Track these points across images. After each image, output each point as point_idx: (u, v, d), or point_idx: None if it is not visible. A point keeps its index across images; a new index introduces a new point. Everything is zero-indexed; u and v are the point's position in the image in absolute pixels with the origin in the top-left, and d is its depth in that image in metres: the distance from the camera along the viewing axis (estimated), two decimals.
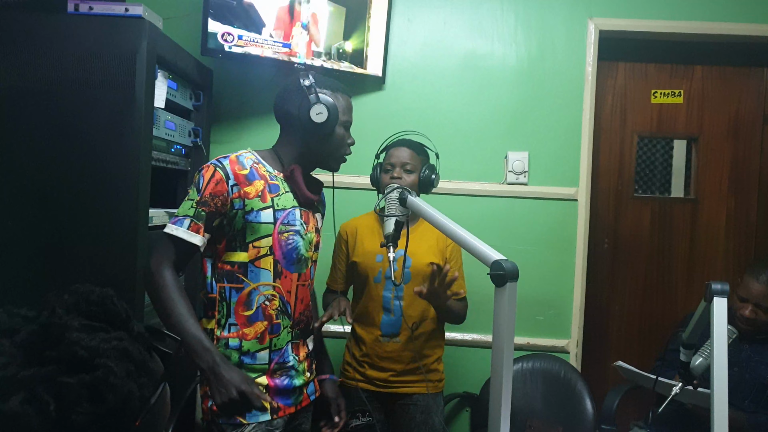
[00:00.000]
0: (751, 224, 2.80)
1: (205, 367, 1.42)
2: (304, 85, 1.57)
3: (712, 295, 1.46)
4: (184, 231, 1.48)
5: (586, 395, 2.40)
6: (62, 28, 1.77)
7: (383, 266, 2.03)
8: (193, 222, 1.48)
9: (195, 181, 1.52)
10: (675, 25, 2.59)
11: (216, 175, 1.51)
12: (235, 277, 1.54)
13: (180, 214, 1.50)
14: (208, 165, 1.54)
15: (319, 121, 1.56)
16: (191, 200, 1.50)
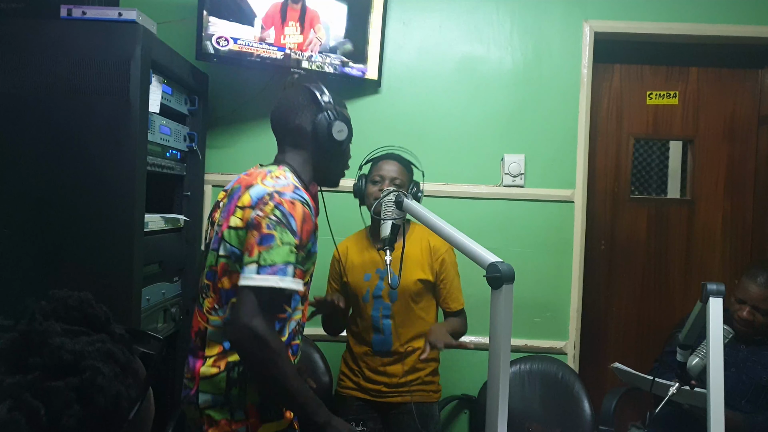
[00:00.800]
0: (747, 225, 2.80)
1: (323, 421, 1.36)
2: (322, 101, 1.50)
3: (707, 296, 1.46)
4: (292, 280, 1.31)
5: (584, 397, 2.40)
6: (55, 34, 1.76)
7: (370, 285, 2.04)
8: (297, 268, 1.33)
9: (280, 221, 1.33)
10: (670, 27, 2.60)
11: (306, 214, 1.38)
12: (281, 308, 1.42)
13: (279, 262, 1.30)
14: (292, 201, 1.36)
15: (341, 138, 1.50)
16: (288, 244, 1.32)
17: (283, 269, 1.30)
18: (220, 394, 1.40)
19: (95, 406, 0.60)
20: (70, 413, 0.58)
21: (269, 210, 1.34)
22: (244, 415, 1.40)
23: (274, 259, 1.30)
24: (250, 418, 1.40)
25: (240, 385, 1.40)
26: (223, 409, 1.40)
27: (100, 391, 0.60)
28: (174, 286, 2.23)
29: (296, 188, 1.42)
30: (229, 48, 2.33)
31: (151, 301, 1.99)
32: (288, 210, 1.35)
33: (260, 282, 1.29)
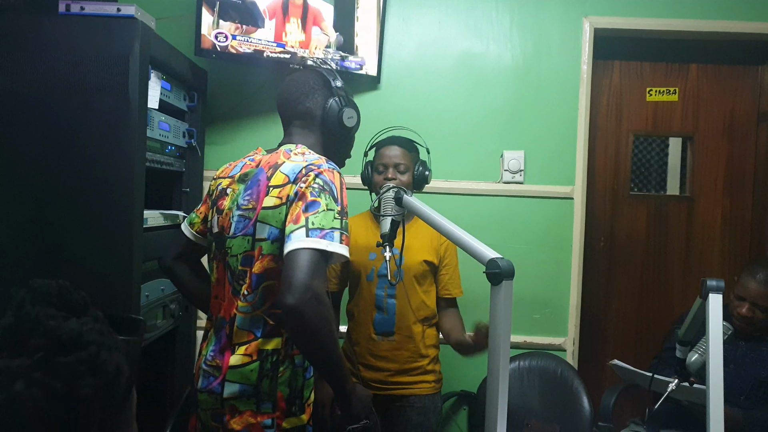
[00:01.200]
0: (746, 222, 2.80)
1: (351, 390, 1.38)
2: (335, 86, 1.51)
3: (707, 292, 1.46)
4: (339, 245, 1.28)
5: (583, 393, 2.40)
6: (54, 29, 1.76)
7: (376, 264, 2.03)
8: (343, 234, 1.30)
9: (323, 188, 1.32)
10: (670, 24, 2.60)
11: (343, 182, 1.38)
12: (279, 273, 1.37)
13: (326, 226, 1.28)
14: (331, 170, 1.36)
15: (351, 125, 1.51)
16: (332, 210, 1.31)
17: (330, 234, 1.28)
18: (249, 384, 1.37)
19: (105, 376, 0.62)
20: (85, 384, 0.60)
21: (311, 179, 1.33)
22: (271, 407, 1.38)
23: (323, 223, 1.28)
24: (276, 411, 1.38)
25: (272, 377, 1.38)
26: (250, 401, 1.37)
27: (105, 363, 0.63)
28: None
29: (328, 160, 1.40)
30: (228, 44, 2.32)
31: (150, 297, 1.99)
32: (329, 178, 1.34)
33: (311, 244, 1.25)
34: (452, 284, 2.11)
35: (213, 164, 2.58)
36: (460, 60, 2.62)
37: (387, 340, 2.03)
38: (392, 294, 2.03)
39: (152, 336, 2.04)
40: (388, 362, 2.03)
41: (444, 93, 2.62)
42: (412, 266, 2.03)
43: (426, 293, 2.07)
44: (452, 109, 2.62)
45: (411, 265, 2.03)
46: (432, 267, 2.08)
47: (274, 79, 2.57)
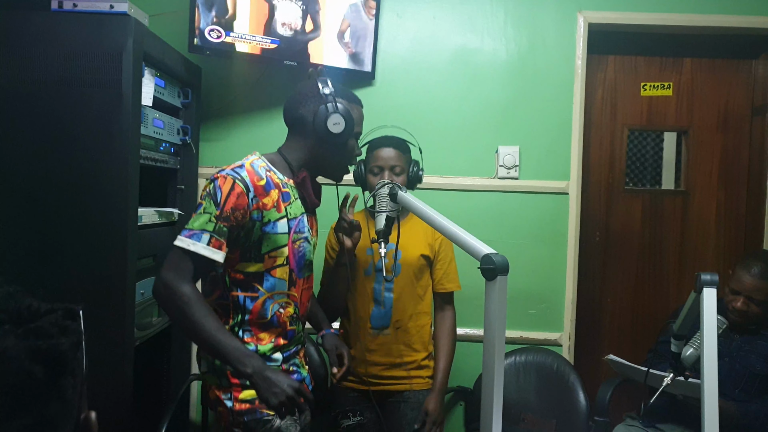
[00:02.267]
0: (741, 216, 2.81)
1: (253, 372, 1.40)
2: (323, 93, 1.55)
3: (701, 286, 1.47)
4: (204, 247, 1.41)
5: (579, 388, 2.41)
6: (46, 26, 1.75)
7: (373, 259, 2.03)
8: (213, 237, 1.42)
9: (209, 192, 1.45)
10: (664, 18, 2.60)
11: (236, 188, 1.45)
12: (249, 285, 1.53)
13: (196, 228, 1.43)
14: (224, 176, 1.47)
15: (336, 131, 1.55)
16: (208, 213, 1.43)
17: (197, 234, 1.42)
18: (210, 362, 1.53)
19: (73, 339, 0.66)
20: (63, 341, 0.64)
21: (207, 183, 1.49)
22: (227, 382, 1.51)
23: (193, 225, 1.43)
24: (231, 387, 1.51)
25: None
26: (213, 377, 1.54)
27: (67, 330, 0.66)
28: None
29: (238, 168, 1.50)
30: (222, 40, 2.31)
31: (145, 294, 1.99)
32: (219, 184, 1.46)
33: (176, 242, 1.43)
34: (447, 278, 2.11)
35: (208, 161, 2.58)
36: (455, 55, 2.62)
37: (382, 334, 2.03)
38: (390, 288, 2.03)
39: (148, 333, 2.04)
40: (382, 356, 2.03)
41: (439, 88, 2.62)
42: (411, 262, 2.03)
43: (422, 288, 2.08)
44: (447, 105, 2.62)
45: (409, 261, 2.03)
46: (428, 261, 2.08)
47: (268, 76, 2.56)
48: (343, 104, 1.57)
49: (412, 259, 2.04)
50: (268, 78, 2.57)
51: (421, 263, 2.06)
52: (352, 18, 2.50)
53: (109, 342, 1.76)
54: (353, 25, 2.51)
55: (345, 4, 2.48)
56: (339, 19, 2.48)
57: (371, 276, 2.04)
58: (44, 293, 0.69)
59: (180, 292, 1.40)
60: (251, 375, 1.40)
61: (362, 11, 2.51)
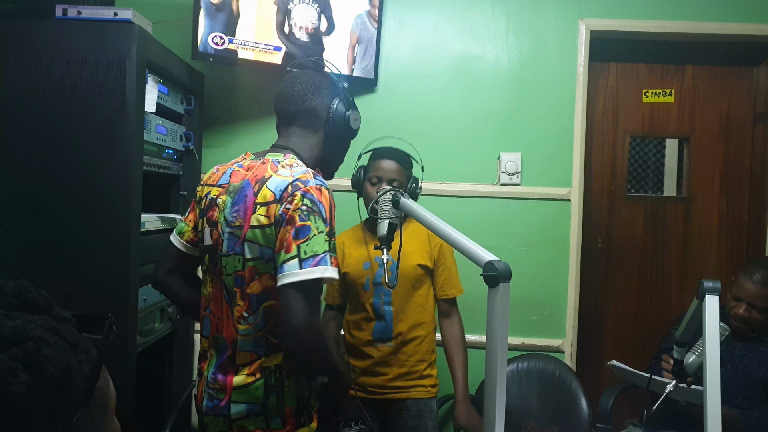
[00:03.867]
0: (743, 223, 2.81)
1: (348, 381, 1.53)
2: (341, 85, 1.48)
3: (704, 293, 1.46)
4: (331, 269, 1.27)
5: (582, 395, 2.40)
6: (51, 34, 1.76)
7: (370, 274, 2.04)
8: (333, 257, 1.28)
9: (311, 209, 1.27)
10: (666, 25, 2.60)
11: (332, 198, 1.34)
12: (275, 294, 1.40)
13: (319, 252, 1.25)
14: (318, 188, 1.31)
15: (356, 127, 1.50)
16: (321, 233, 1.27)
17: (324, 258, 1.26)
18: (256, 403, 1.35)
19: (44, 375, 0.59)
20: (17, 381, 0.57)
21: (298, 201, 1.28)
22: (280, 422, 1.36)
23: (315, 249, 1.26)
24: (287, 425, 1.36)
25: (278, 393, 1.36)
26: (258, 419, 1.35)
27: (48, 361, 0.59)
28: None
29: (315, 174, 1.35)
30: (225, 47, 2.32)
31: (147, 301, 1.99)
32: (316, 197, 1.29)
33: (306, 276, 1.24)
34: (449, 285, 2.11)
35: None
36: (457, 62, 2.63)
37: (385, 345, 2.03)
38: (388, 301, 2.03)
39: (150, 340, 2.04)
40: (386, 367, 2.03)
41: (441, 95, 2.63)
42: (407, 272, 2.03)
43: (422, 296, 2.08)
44: (449, 112, 2.62)
45: (406, 272, 2.02)
46: (427, 270, 2.08)
47: (271, 82, 2.57)
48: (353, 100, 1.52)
49: (408, 270, 2.03)
50: (270, 84, 2.57)
51: (419, 273, 2.05)
52: (357, 26, 2.51)
53: (111, 348, 1.76)
54: (357, 34, 2.52)
55: (350, 14, 2.49)
56: (344, 28, 2.49)
57: (369, 291, 2.04)
58: None
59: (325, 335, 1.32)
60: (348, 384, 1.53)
61: (367, 20, 2.52)
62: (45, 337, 0.60)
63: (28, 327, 0.60)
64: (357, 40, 2.52)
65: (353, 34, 2.51)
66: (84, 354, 0.65)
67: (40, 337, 0.60)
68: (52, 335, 0.61)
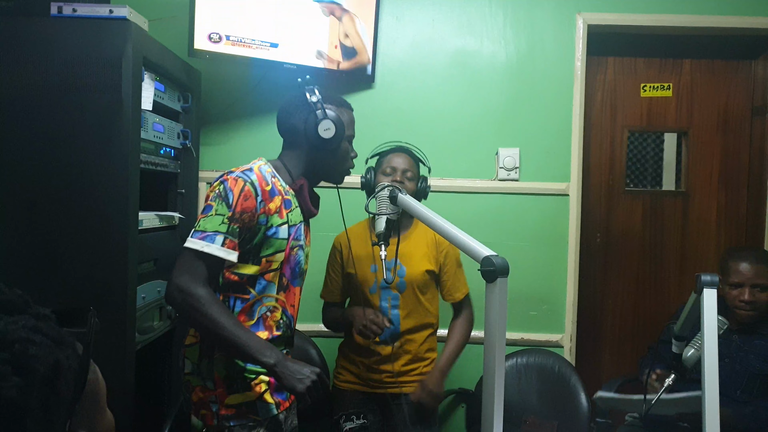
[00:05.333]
0: (741, 216, 2.81)
1: (276, 362, 1.42)
2: (311, 101, 1.58)
3: (701, 287, 1.46)
4: (219, 248, 1.43)
5: (581, 389, 2.41)
6: (46, 32, 1.75)
7: (378, 276, 2.04)
8: (227, 239, 1.44)
9: (219, 193, 1.47)
10: (663, 19, 2.60)
11: (246, 190, 1.48)
12: (242, 287, 1.54)
13: (209, 230, 1.44)
14: (234, 178, 1.49)
15: (327, 137, 1.58)
16: (221, 215, 1.45)
17: (211, 236, 1.43)
18: (195, 363, 1.55)
19: (34, 375, 0.59)
20: (9, 385, 0.57)
21: (216, 185, 1.49)
22: (213, 385, 1.52)
23: (206, 226, 1.44)
24: (217, 389, 1.51)
25: (208, 357, 1.53)
26: (198, 378, 1.54)
27: (36, 360, 0.59)
28: None
29: (248, 171, 1.52)
30: (221, 44, 2.32)
31: (146, 299, 1.99)
32: (229, 185, 1.47)
33: (189, 244, 1.43)
34: (455, 288, 2.13)
35: (208, 165, 2.58)
36: (455, 58, 2.62)
37: (390, 345, 2.04)
38: (396, 305, 2.05)
39: (149, 337, 2.04)
40: (389, 364, 2.04)
41: (438, 91, 2.62)
42: (415, 278, 2.05)
43: (429, 300, 2.10)
44: (447, 107, 2.62)
45: (414, 277, 2.04)
46: (433, 275, 2.09)
47: (268, 79, 2.56)
48: (332, 109, 1.61)
49: (416, 275, 2.05)
50: (267, 82, 2.57)
51: (426, 278, 2.07)
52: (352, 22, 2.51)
53: (111, 346, 1.76)
54: (352, 29, 2.51)
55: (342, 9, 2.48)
56: (339, 24, 2.48)
57: (376, 294, 2.05)
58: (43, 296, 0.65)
59: (197, 295, 1.41)
60: (274, 365, 1.42)
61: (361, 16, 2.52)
62: (30, 337, 0.60)
63: (11, 329, 0.60)
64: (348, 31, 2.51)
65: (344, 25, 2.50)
66: (70, 349, 0.65)
67: (25, 337, 0.60)
68: (36, 334, 0.61)
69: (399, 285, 2.04)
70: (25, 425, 0.58)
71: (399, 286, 2.04)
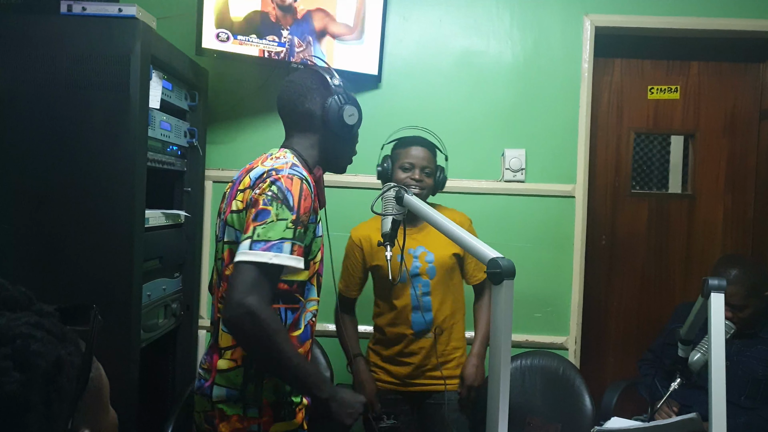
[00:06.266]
0: (748, 220, 2.80)
1: (328, 396, 1.35)
2: (333, 84, 1.48)
3: (709, 291, 1.46)
4: (289, 257, 1.28)
5: (585, 391, 2.40)
6: (55, 30, 1.76)
7: (407, 265, 2.02)
8: (295, 245, 1.29)
9: (276, 195, 1.31)
10: (671, 21, 2.59)
11: (305, 189, 1.34)
12: (292, 297, 1.40)
13: (273, 238, 1.27)
14: (289, 176, 1.34)
15: (352, 123, 1.48)
16: (284, 220, 1.29)
17: (278, 245, 1.27)
18: (235, 389, 1.38)
19: (36, 370, 0.59)
20: (10, 380, 0.57)
21: (266, 186, 1.33)
22: (257, 412, 1.38)
23: (269, 234, 1.28)
24: (263, 417, 1.38)
25: (256, 382, 1.38)
26: (237, 405, 1.38)
27: (38, 356, 0.59)
28: (175, 281, 2.23)
29: (294, 165, 1.39)
30: (229, 43, 2.32)
31: (152, 296, 2.00)
32: (285, 185, 1.32)
33: (252, 257, 1.26)
34: (478, 269, 2.13)
35: (214, 163, 2.58)
36: (461, 58, 2.62)
37: (425, 337, 2.03)
38: (426, 291, 2.04)
39: (154, 335, 2.05)
40: (423, 358, 2.04)
41: (445, 91, 2.62)
42: (444, 262, 2.05)
43: (456, 285, 2.11)
44: (453, 108, 2.62)
45: (442, 261, 2.04)
46: (459, 259, 2.10)
47: (275, 78, 2.57)
48: (351, 93, 1.51)
49: (444, 259, 2.05)
50: (274, 81, 2.57)
51: (453, 262, 2.08)
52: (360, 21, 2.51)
53: (115, 343, 1.76)
54: (360, 28, 2.51)
55: (352, 9, 2.49)
56: (346, 23, 2.49)
57: (406, 283, 2.03)
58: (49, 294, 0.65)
59: (268, 320, 1.25)
60: (327, 399, 1.34)
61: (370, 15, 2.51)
62: (31, 332, 0.60)
63: (13, 325, 0.60)
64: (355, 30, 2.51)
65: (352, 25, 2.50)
66: (73, 346, 0.65)
67: (27, 333, 0.60)
68: (38, 330, 0.61)
69: (429, 270, 2.03)
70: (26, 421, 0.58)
71: (429, 271, 2.03)
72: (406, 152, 2.04)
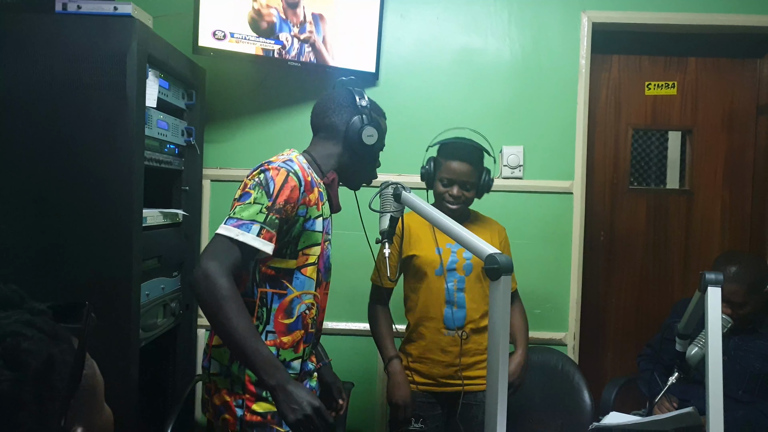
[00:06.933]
0: (746, 215, 2.80)
1: (275, 384, 1.34)
2: (360, 104, 1.58)
3: (706, 285, 1.46)
4: (254, 237, 1.36)
5: (584, 387, 2.40)
6: (50, 28, 1.76)
7: (443, 258, 2.01)
8: (264, 229, 1.38)
9: (260, 182, 1.42)
10: (668, 17, 2.59)
11: (290, 180, 1.43)
12: (279, 282, 1.49)
13: (245, 218, 1.37)
14: (276, 168, 1.44)
15: (369, 143, 1.57)
16: (259, 204, 1.39)
17: (247, 225, 1.37)
18: (224, 365, 1.49)
19: (27, 369, 0.59)
20: (1, 378, 0.58)
21: (255, 174, 1.45)
22: (241, 389, 1.47)
23: (243, 214, 1.38)
24: (245, 394, 1.47)
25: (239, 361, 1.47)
26: (225, 380, 1.49)
27: (29, 354, 0.60)
28: (173, 281, 2.23)
29: (289, 161, 1.48)
30: (226, 41, 2.32)
31: (150, 296, 2.00)
32: (271, 175, 1.43)
33: (222, 231, 1.37)
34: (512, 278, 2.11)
35: (212, 162, 2.58)
36: (459, 56, 2.62)
37: (457, 334, 2.01)
38: (462, 288, 2.02)
39: (153, 334, 2.05)
40: (456, 357, 2.01)
41: (443, 89, 2.62)
42: None
43: (488, 290, 2.06)
44: (451, 105, 2.62)
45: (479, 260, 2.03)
46: None
47: (273, 77, 2.57)
48: (377, 117, 1.61)
49: None
50: (272, 79, 2.57)
51: None
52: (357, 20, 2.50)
53: (115, 343, 1.77)
54: (357, 27, 2.51)
55: (349, 7, 2.48)
56: (343, 21, 2.48)
57: (442, 276, 2.01)
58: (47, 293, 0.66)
59: (221, 285, 1.32)
60: (274, 387, 1.34)
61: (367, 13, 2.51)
62: (22, 331, 0.61)
63: (3, 323, 0.61)
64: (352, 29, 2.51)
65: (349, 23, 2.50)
66: (65, 344, 0.65)
67: (18, 332, 0.60)
68: (29, 329, 0.62)
69: (465, 267, 2.02)
70: (18, 419, 0.58)
71: (465, 267, 2.02)
72: (447, 166, 2.01)
